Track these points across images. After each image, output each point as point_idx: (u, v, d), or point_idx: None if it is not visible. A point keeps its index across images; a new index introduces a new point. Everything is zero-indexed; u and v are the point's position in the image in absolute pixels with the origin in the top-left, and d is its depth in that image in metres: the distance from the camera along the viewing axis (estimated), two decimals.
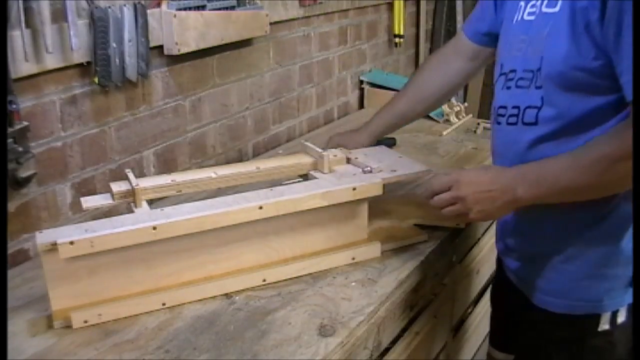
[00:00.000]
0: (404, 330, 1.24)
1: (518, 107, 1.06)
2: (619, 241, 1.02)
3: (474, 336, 1.71)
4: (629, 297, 1.04)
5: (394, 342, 1.20)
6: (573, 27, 0.94)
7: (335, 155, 1.24)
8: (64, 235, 0.94)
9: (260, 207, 1.05)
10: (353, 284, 1.10)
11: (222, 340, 0.95)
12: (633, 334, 1.03)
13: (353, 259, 1.17)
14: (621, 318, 1.05)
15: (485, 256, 1.65)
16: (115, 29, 1.26)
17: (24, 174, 1.17)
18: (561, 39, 0.96)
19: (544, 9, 0.99)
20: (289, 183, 1.24)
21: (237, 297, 1.06)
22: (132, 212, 1.06)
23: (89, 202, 1.10)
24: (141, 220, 0.99)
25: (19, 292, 1.08)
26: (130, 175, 1.12)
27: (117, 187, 1.10)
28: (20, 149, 1.12)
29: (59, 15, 1.15)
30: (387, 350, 1.18)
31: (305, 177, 1.25)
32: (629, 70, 0.88)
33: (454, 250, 1.40)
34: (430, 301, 1.35)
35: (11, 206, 1.18)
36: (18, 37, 1.08)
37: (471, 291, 1.65)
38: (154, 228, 0.98)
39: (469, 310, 1.68)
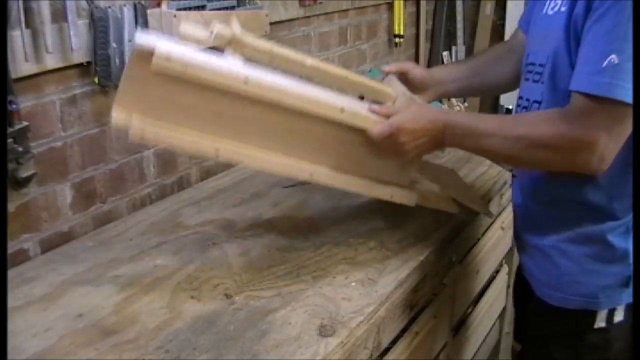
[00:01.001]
0: (404, 330, 1.24)
1: (528, 100, 1.08)
2: (612, 238, 1.04)
3: (474, 336, 1.71)
4: (627, 297, 1.05)
5: (394, 342, 1.20)
6: (568, 29, 0.97)
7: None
8: (165, 46, 0.91)
9: (342, 111, 1.06)
10: (353, 284, 1.10)
11: (222, 340, 0.95)
12: (633, 333, 1.03)
13: (391, 196, 1.19)
14: (618, 317, 1.06)
15: (485, 256, 1.65)
16: (115, 29, 1.25)
17: (24, 174, 1.17)
18: (561, 39, 0.98)
19: (562, 8, 1.00)
20: None
21: (237, 297, 1.06)
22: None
23: (187, 29, 1.04)
24: (236, 68, 0.98)
25: (19, 292, 1.08)
26: (234, 23, 1.06)
27: (219, 27, 1.05)
28: (20, 149, 1.13)
29: (59, 15, 1.15)
30: (387, 350, 1.18)
31: None
32: (583, 61, 0.92)
33: (454, 250, 1.40)
34: (430, 301, 1.35)
35: (11, 206, 1.18)
36: (18, 37, 1.08)
37: (471, 291, 1.65)
38: (246, 82, 0.97)
39: (469, 310, 1.68)
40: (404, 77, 1.31)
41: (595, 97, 0.90)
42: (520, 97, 1.13)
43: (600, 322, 1.07)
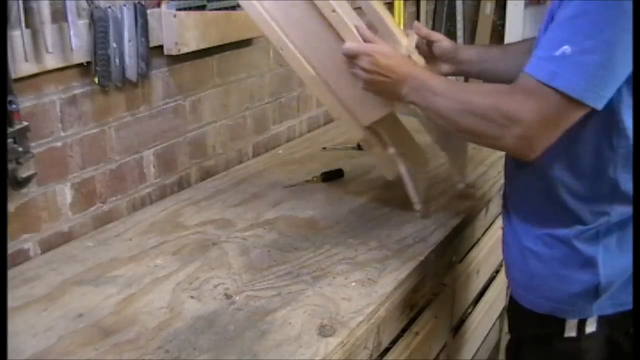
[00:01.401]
0: (404, 330, 1.24)
1: None
2: (578, 243, 1.03)
3: (474, 336, 1.71)
4: (597, 309, 1.04)
5: (394, 342, 1.20)
6: (548, 21, 0.96)
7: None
8: None
9: (333, 11, 1.14)
10: (353, 284, 1.10)
11: (222, 340, 0.95)
12: (633, 335, 1.03)
13: (340, 117, 1.26)
14: (590, 328, 1.05)
15: (485, 256, 1.65)
16: (115, 29, 1.25)
17: (24, 174, 1.17)
18: (542, 30, 0.98)
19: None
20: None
21: (237, 297, 1.06)
22: None
23: None
24: None
25: (19, 292, 1.08)
26: None
27: None
28: (20, 149, 1.12)
29: (59, 15, 1.15)
30: (387, 350, 1.18)
31: None
32: (540, 46, 0.92)
33: (454, 250, 1.40)
34: (430, 301, 1.35)
35: (11, 206, 1.18)
36: (18, 37, 1.08)
37: (471, 291, 1.65)
38: None
39: (469, 310, 1.68)
40: (429, 44, 1.32)
41: (537, 81, 0.89)
42: None
43: (570, 332, 1.06)
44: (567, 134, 0.94)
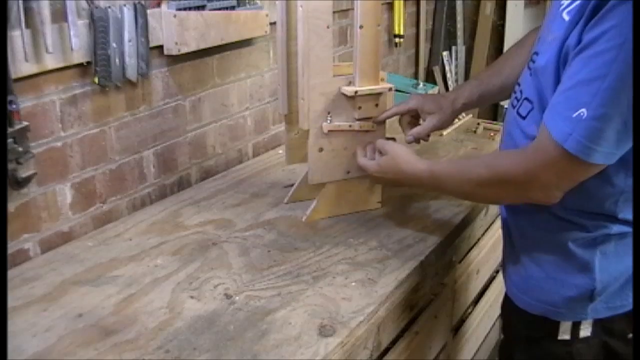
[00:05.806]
0: (404, 330, 1.24)
1: (521, 92, 1.05)
2: (575, 247, 1.02)
3: (474, 336, 1.72)
4: (592, 312, 1.03)
5: (394, 342, 1.20)
6: (559, 54, 0.94)
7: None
8: None
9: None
10: (353, 284, 1.10)
11: (222, 340, 0.95)
12: (633, 335, 1.02)
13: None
14: (585, 332, 1.04)
15: (485, 256, 1.66)
16: (115, 29, 1.26)
17: (24, 174, 1.17)
18: (553, 55, 0.95)
19: (566, 17, 0.95)
20: None
21: (237, 297, 1.06)
22: None
23: None
24: None
25: (19, 292, 1.08)
26: None
27: None
28: (20, 149, 1.13)
29: (59, 15, 1.15)
30: (387, 350, 1.18)
31: None
32: (561, 99, 0.90)
33: (454, 250, 1.40)
34: (430, 301, 1.35)
35: (11, 206, 1.18)
36: (18, 37, 1.08)
37: (471, 291, 1.65)
38: None
39: (469, 310, 1.68)
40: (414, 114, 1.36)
41: (553, 139, 0.90)
42: (518, 84, 1.09)
43: (564, 334, 1.05)
44: None
